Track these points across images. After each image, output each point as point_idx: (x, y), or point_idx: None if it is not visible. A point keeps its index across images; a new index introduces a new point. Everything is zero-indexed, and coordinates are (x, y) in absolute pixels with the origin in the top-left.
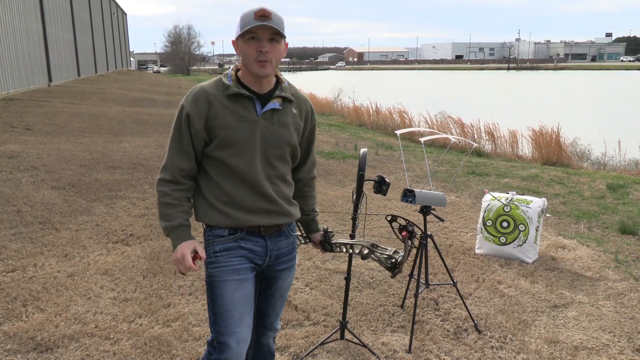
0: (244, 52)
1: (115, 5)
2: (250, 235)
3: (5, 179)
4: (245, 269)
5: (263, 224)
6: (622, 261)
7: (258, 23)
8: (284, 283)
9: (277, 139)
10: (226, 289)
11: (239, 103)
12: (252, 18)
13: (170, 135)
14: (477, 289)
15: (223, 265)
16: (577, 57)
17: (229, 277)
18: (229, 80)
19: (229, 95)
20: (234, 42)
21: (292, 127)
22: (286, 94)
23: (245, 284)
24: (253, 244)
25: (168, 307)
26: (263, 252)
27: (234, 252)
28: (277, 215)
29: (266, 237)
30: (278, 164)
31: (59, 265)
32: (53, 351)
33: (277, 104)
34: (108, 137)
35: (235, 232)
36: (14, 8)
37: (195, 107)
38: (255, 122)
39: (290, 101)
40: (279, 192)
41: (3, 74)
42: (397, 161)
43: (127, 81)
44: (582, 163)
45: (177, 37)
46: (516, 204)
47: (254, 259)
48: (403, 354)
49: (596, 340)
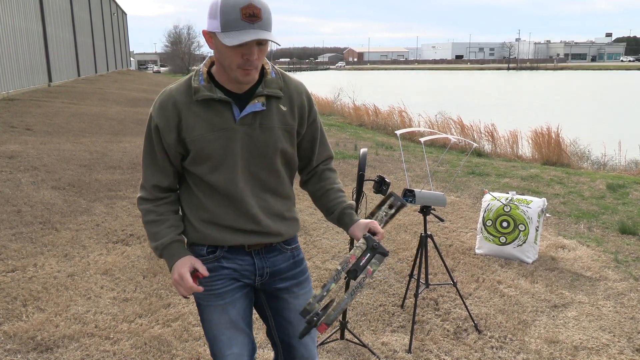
0: (223, 54)
1: (115, 5)
2: (233, 254)
3: (5, 179)
4: (229, 292)
5: (246, 244)
6: (622, 261)
7: (248, 27)
8: (297, 303)
9: (262, 147)
10: (211, 313)
11: (212, 109)
12: (238, 16)
13: (143, 146)
14: (477, 289)
15: (206, 289)
16: (577, 57)
17: (213, 302)
18: (200, 81)
19: (199, 101)
20: (206, 32)
21: (279, 130)
22: (271, 91)
23: (234, 305)
24: (238, 263)
25: (168, 307)
26: (251, 270)
27: (215, 273)
28: (262, 235)
29: (253, 254)
30: (266, 176)
31: (59, 265)
32: (53, 351)
33: (259, 104)
34: (108, 137)
35: (215, 251)
36: (14, 8)
37: (164, 118)
38: (232, 130)
39: (277, 98)
40: (267, 209)
41: (3, 74)
42: (397, 161)
43: (127, 81)
44: (582, 163)
45: (177, 37)
46: (516, 204)
47: (240, 278)
48: (403, 354)
49: (596, 340)
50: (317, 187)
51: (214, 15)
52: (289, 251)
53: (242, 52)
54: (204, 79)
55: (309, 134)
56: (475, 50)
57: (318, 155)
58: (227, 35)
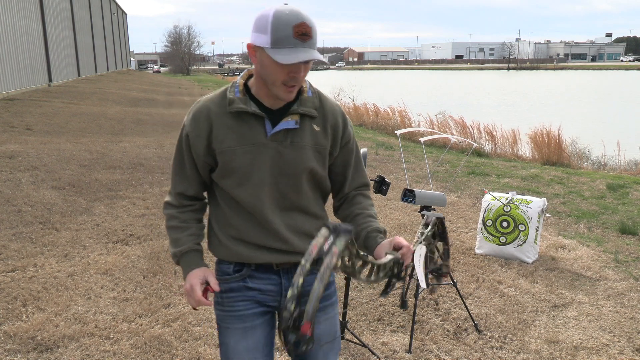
0: (268, 69)
1: (115, 5)
2: (260, 272)
3: (5, 179)
4: (252, 315)
5: (274, 262)
6: (622, 261)
7: (299, 45)
8: (317, 329)
9: (291, 165)
10: (230, 337)
11: (244, 122)
12: (290, 34)
13: (173, 155)
14: (477, 289)
15: (227, 309)
16: (577, 57)
17: (233, 325)
18: (236, 92)
19: (232, 112)
20: (251, 46)
21: (310, 150)
22: (306, 109)
23: (253, 332)
24: (264, 283)
25: (168, 307)
26: (277, 291)
27: (238, 294)
28: (290, 254)
29: (281, 272)
30: (294, 195)
31: (59, 265)
32: (53, 351)
33: (293, 122)
34: (108, 137)
35: (242, 269)
36: (14, 8)
37: (196, 127)
38: (263, 145)
39: (311, 117)
40: (294, 227)
41: (3, 74)
42: (397, 161)
43: (127, 81)
44: (582, 163)
45: (177, 37)
46: (516, 204)
47: (265, 301)
48: (403, 354)
49: (596, 340)
50: (347, 212)
51: (263, 30)
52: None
53: (290, 69)
54: (239, 90)
55: (342, 157)
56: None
57: (351, 181)
58: (278, 52)
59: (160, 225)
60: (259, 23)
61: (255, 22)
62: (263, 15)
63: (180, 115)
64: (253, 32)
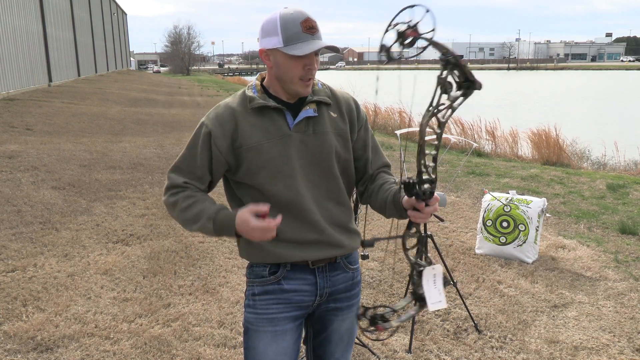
0: (284, 67)
1: (115, 5)
2: (296, 272)
3: (5, 179)
4: (284, 319)
5: (309, 259)
6: (622, 261)
7: (309, 38)
8: (341, 326)
9: (317, 152)
10: (259, 341)
11: (267, 117)
12: (299, 30)
13: (181, 154)
14: (477, 289)
15: (260, 312)
16: (577, 57)
17: (264, 328)
18: (254, 91)
19: (254, 109)
20: (263, 51)
21: (332, 135)
22: (321, 97)
23: (284, 337)
24: (299, 283)
25: (168, 307)
26: (312, 291)
27: (273, 296)
28: (326, 246)
29: (316, 271)
30: (326, 182)
31: (59, 265)
32: (53, 351)
33: (312, 110)
34: (108, 137)
35: (277, 270)
36: (14, 8)
37: (219, 125)
38: (288, 136)
39: (327, 104)
40: (329, 218)
41: (3, 74)
42: (397, 161)
43: (127, 81)
44: (582, 163)
45: (177, 37)
46: (516, 204)
47: (301, 301)
48: (403, 354)
49: (596, 340)
50: (372, 187)
51: (273, 33)
52: (351, 271)
53: (304, 62)
54: (257, 90)
55: (361, 139)
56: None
57: (374, 162)
58: (293, 48)
59: (160, 225)
60: (267, 27)
61: (263, 28)
62: (270, 20)
63: (181, 115)
64: (262, 37)
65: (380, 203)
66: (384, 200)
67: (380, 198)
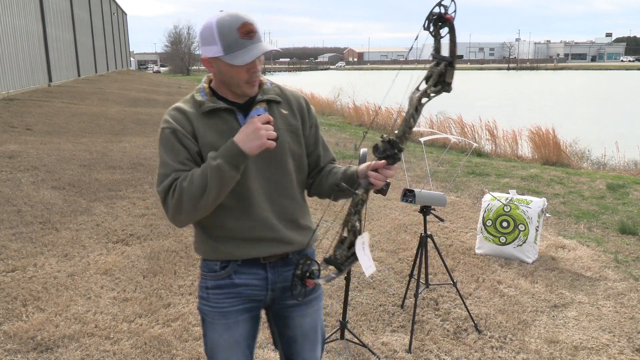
0: (228, 74)
1: (115, 5)
2: (247, 267)
3: (5, 179)
4: (236, 312)
5: (260, 255)
6: (622, 261)
7: (249, 43)
8: (303, 322)
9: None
10: (213, 331)
11: (218, 117)
12: (237, 37)
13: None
14: (477, 289)
15: (213, 305)
16: (577, 57)
17: (217, 320)
18: (202, 95)
19: (205, 112)
20: (206, 59)
21: (285, 132)
22: (270, 96)
23: (236, 327)
24: (249, 277)
25: (168, 307)
26: (263, 285)
27: (225, 290)
28: (277, 243)
29: (267, 267)
30: (280, 178)
31: (59, 265)
32: (53, 351)
33: (262, 109)
34: (108, 137)
35: (228, 265)
36: (14, 8)
37: (179, 124)
38: None
39: (277, 102)
40: (281, 214)
41: (3, 74)
42: None
43: (127, 81)
44: (582, 163)
45: (177, 37)
46: (516, 204)
47: (252, 295)
48: (403, 354)
49: (596, 340)
50: (321, 175)
51: (212, 42)
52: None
53: (248, 67)
54: (205, 93)
55: (313, 135)
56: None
57: (324, 157)
58: (233, 56)
59: (160, 225)
60: (205, 36)
61: (201, 36)
62: (206, 27)
63: None
64: (202, 45)
65: (330, 183)
66: (335, 178)
67: (331, 179)
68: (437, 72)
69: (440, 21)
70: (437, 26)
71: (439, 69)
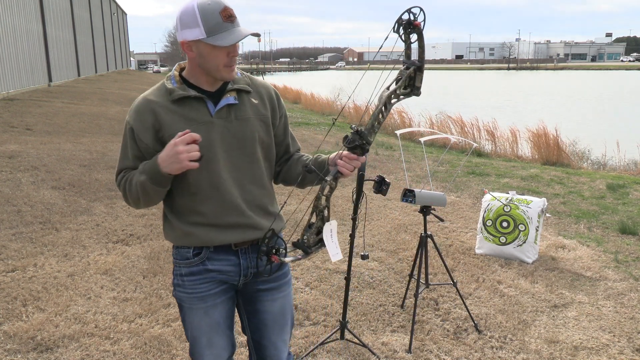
0: (208, 57)
1: (115, 5)
2: (219, 254)
3: (5, 179)
4: (213, 295)
5: (231, 241)
6: (622, 261)
7: (230, 27)
8: (273, 306)
9: (240, 137)
10: (193, 316)
11: (187, 106)
12: (219, 20)
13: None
14: (477, 289)
15: (188, 291)
16: (577, 57)
17: (196, 305)
18: (173, 83)
19: (174, 100)
20: (185, 42)
21: (255, 120)
22: (240, 85)
23: (215, 310)
24: (222, 264)
25: (168, 307)
26: (236, 271)
27: (199, 276)
28: (248, 229)
29: (239, 253)
30: (249, 165)
31: (59, 265)
32: (53, 351)
33: (232, 98)
34: (108, 137)
35: (200, 252)
36: (14, 8)
37: (139, 120)
38: (210, 123)
39: (247, 92)
40: (251, 201)
41: (3, 74)
42: (397, 161)
43: (127, 81)
44: (582, 163)
45: None
46: (516, 204)
47: (227, 280)
48: (403, 353)
49: (596, 340)
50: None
51: (194, 24)
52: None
53: (228, 50)
54: (176, 81)
55: (282, 125)
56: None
57: (292, 145)
58: (216, 38)
59: (160, 225)
60: (186, 19)
61: (181, 19)
62: (187, 11)
63: None
64: (182, 29)
65: (299, 169)
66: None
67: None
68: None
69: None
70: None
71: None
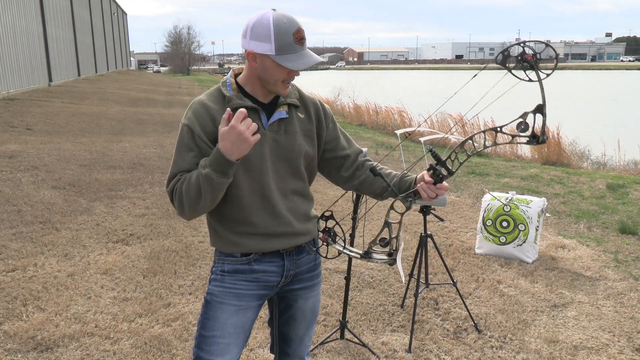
0: (270, 72)
1: (115, 5)
2: (266, 256)
3: (5, 179)
4: (249, 296)
5: (279, 248)
6: (621, 261)
7: (299, 49)
8: (305, 304)
9: (287, 151)
10: (222, 312)
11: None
12: (292, 40)
13: (172, 163)
14: (477, 289)
15: (227, 286)
16: (577, 57)
17: (228, 301)
18: (229, 90)
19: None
20: (251, 53)
21: (300, 135)
22: (291, 100)
23: (245, 312)
24: (268, 265)
25: (168, 306)
26: (279, 272)
27: (242, 275)
28: (295, 237)
29: (284, 255)
30: (292, 179)
31: (59, 265)
32: (53, 351)
33: (284, 112)
34: (108, 137)
35: (249, 255)
36: (14, 8)
37: (200, 124)
38: (262, 135)
39: (296, 106)
40: (294, 210)
41: (3, 73)
42: (397, 161)
43: (127, 81)
44: (581, 163)
45: (177, 37)
46: (516, 203)
47: (268, 282)
48: (403, 353)
49: (596, 340)
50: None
51: (266, 39)
52: (313, 253)
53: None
54: (232, 89)
55: (332, 131)
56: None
57: (349, 147)
58: (285, 59)
59: (160, 225)
60: (259, 32)
61: (253, 30)
62: (261, 23)
63: (181, 114)
64: (252, 39)
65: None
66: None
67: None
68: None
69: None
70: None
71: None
